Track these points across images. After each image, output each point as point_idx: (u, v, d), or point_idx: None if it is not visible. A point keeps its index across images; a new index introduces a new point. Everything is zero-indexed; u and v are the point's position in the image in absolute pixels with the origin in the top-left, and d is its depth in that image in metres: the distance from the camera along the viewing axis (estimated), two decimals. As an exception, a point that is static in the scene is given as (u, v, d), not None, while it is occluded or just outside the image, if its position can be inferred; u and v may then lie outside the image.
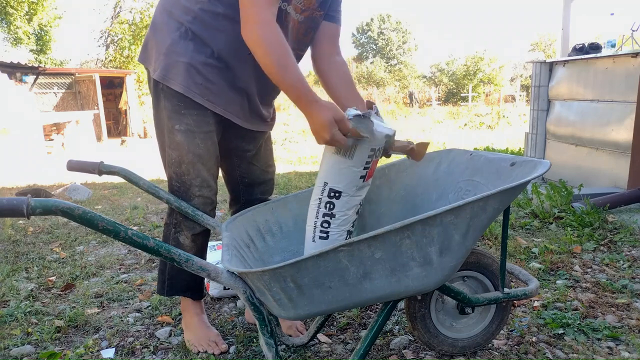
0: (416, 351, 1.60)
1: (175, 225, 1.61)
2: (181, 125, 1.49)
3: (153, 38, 1.52)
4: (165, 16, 1.49)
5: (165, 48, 1.46)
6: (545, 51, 34.47)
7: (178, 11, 1.47)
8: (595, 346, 1.59)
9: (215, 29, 1.44)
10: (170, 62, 1.45)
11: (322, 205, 1.36)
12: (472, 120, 13.94)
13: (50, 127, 8.84)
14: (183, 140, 1.50)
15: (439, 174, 1.63)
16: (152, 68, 1.51)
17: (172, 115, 1.50)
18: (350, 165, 1.31)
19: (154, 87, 1.53)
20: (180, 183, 1.55)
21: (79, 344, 1.72)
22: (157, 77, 1.48)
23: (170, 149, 1.53)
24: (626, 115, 3.58)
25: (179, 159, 1.52)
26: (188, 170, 1.53)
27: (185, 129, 1.49)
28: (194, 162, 1.52)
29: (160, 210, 3.79)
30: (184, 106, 1.48)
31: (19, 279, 2.34)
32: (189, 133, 1.50)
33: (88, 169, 1.61)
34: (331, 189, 1.34)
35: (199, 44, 1.45)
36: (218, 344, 1.63)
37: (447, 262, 1.18)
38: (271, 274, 1.10)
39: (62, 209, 0.98)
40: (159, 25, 1.50)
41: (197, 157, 1.52)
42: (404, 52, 39.60)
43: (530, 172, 1.26)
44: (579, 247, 2.52)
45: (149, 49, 1.54)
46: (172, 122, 1.50)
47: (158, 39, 1.50)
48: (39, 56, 19.70)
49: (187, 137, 1.50)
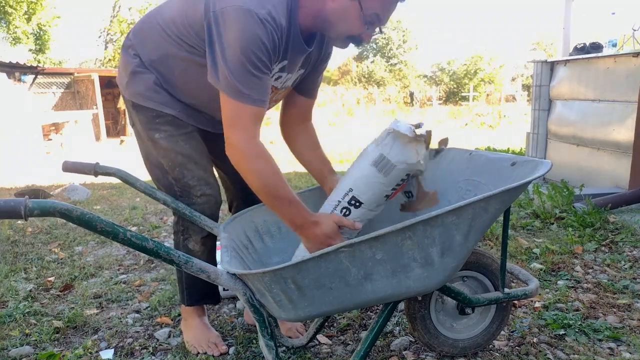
0: (417, 352, 1.59)
1: (183, 232, 1.60)
2: (160, 134, 1.51)
3: (121, 60, 1.57)
4: (130, 45, 1.53)
5: (130, 69, 1.50)
6: (547, 50, 34.47)
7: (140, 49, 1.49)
8: (596, 347, 1.58)
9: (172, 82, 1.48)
10: (137, 81, 1.50)
11: (338, 209, 1.35)
12: (473, 120, 13.94)
13: (49, 126, 8.84)
14: (167, 145, 1.51)
15: (439, 174, 1.62)
16: (122, 87, 1.56)
17: (149, 127, 1.52)
18: (382, 182, 1.32)
19: (127, 105, 1.57)
20: (180, 188, 1.55)
21: (77, 344, 1.71)
22: (128, 96, 1.53)
23: (160, 158, 1.54)
24: (627, 115, 3.57)
25: (170, 164, 1.53)
26: (182, 173, 1.53)
27: (165, 135, 1.51)
28: (184, 163, 1.52)
29: (159, 210, 3.78)
30: (156, 115, 1.51)
31: (18, 280, 2.33)
32: (170, 138, 1.51)
33: (84, 170, 1.60)
34: (354, 197, 1.34)
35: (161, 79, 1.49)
36: (218, 346, 1.62)
37: (449, 262, 1.17)
38: (272, 275, 1.09)
39: (60, 210, 0.97)
40: (127, 50, 1.54)
41: (185, 157, 1.52)
42: (404, 51, 39.59)
43: (531, 172, 1.25)
44: (580, 248, 2.51)
45: (119, 70, 1.59)
46: (151, 133, 1.52)
47: (125, 61, 1.53)
48: (38, 56, 19.69)
49: (169, 141, 1.51)
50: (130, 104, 1.54)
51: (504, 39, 63.37)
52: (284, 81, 1.45)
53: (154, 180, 1.60)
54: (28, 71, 10.82)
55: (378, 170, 1.31)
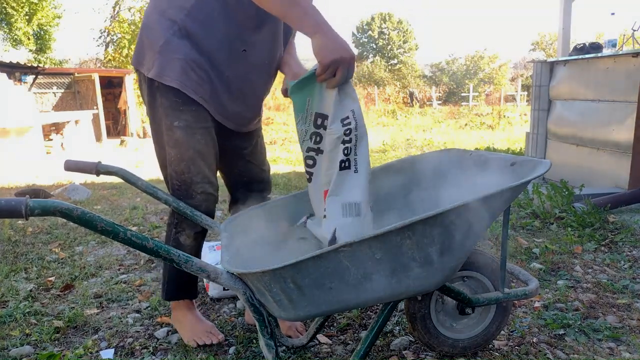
0: (416, 352, 1.60)
1: (177, 225, 1.61)
2: (180, 122, 1.48)
3: (146, 38, 1.51)
4: (157, 15, 1.48)
5: (159, 46, 1.45)
6: (546, 50, 34.47)
7: (171, 9, 1.45)
8: (596, 347, 1.58)
9: (209, 27, 1.44)
10: (166, 59, 1.45)
11: None
12: (472, 120, 13.93)
13: (49, 127, 8.84)
14: (182, 137, 1.49)
15: (438, 174, 1.63)
16: (146, 67, 1.50)
17: (169, 112, 1.48)
18: None
19: (148, 87, 1.51)
20: (180, 182, 1.54)
21: (78, 344, 1.71)
22: (152, 75, 1.47)
23: (169, 147, 1.52)
24: (627, 115, 3.57)
25: (178, 156, 1.51)
26: (188, 168, 1.52)
27: (184, 125, 1.49)
28: (194, 158, 1.51)
29: (160, 210, 3.78)
30: (181, 102, 1.47)
31: (18, 280, 2.33)
32: (188, 129, 1.49)
33: (85, 169, 1.60)
34: None
35: (193, 42, 1.45)
36: (215, 334, 1.64)
37: (448, 262, 1.17)
38: (271, 274, 1.10)
39: (60, 210, 0.97)
40: (152, 24, 1.49)
41: (197, 153, 1.51)
42: (404, 51, 39.59)
43: (530, 171, 1.26)
44: (579, 248, 2.51)
45: (143, 49, 1.53)
46: (170, 119, 1.49)
47: (151, 39, 1.48)
48: (38, 56, 19.70)
49: (186, 133, 1.49)
50: (154, 84, 1.48)
51: (504, 39, 63.38)
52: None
53: (159, 165, 1.62)
54: (29, 71, 10.83)
55: None
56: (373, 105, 21.11)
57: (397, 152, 7.81)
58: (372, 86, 27.07)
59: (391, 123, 14.38)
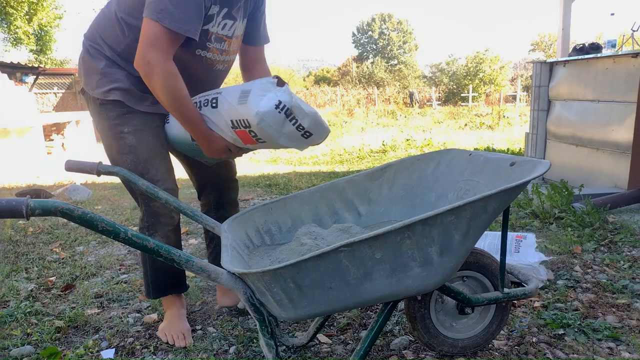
0: (416, 352, 1.60)
1: (149, 228, 1.67)
2: (129, 127, 1.57)
3: (86, 63, 1.61)
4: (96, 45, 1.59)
5: (99, 69, 1.57)
6: (546, 51, 34.47)
7: (105, 45, 1.57)
8: (595, 347, 1.59)
9: None
10: (107, 80, 1.56)
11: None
12: (472, 121, 13.93)
13: (50, 127, 8.84)
14: (134, 141, 1.57)
15: (438, 174, 1.63)
16: (90, 87, 1.60)
17: (117, 122, 1.57)
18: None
19: (93, 105, 1.61)
20: None
21: (78, 344, 1.72)
22: (97, 95, 1.57)
23: (124, 155, 1.58)
24: (626, 115, 3.57)
25: (135, 160, 1.58)
26: (146, 169, 1.58)
27: (133, 129, 1.57)
28: (149, 158, 1.58)
29: (160, 210, 3.79)
30: (127, 111, 1.57)
31: (19, 280, 2.34)
32: (138, 132, 1.57)
33: (86, 169, 1.61)
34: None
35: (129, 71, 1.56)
36: (186, 337, 1.67)
37: (448, 262, 1.18)
38: (272, 274, 1.10)
39: (61, 209, 0.98)
40: (91, 50, 1.60)
41: (151, 152, 1.58)
42: (404, 52, 39.58)
43: (530, 172, 1.26)
44: (579, 248, 2.52)
45: (87, 71, 1.62)
46: (119, 128, 1.57)
47: (92, 63, 1.59)
48: (39, 56, 19.70)
49: (136, 136, 1.57)
50: (98, 102, 1.58)
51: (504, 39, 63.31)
52: (233, 29, 1.57)
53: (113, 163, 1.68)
54: (29, 72, 10.85)
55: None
56: (373, 106, 21.11)
57: (397, 152, 7.82)
58: (372, 87, 27.07)
59: (391, 123, 14.38)
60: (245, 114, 1.42)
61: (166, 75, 1.41)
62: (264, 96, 1.40)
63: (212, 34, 1.53)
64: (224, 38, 1.57)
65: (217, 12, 1.50)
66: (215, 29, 1.53)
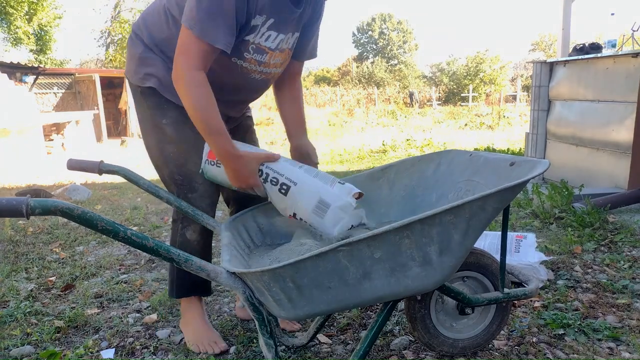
0: (416, 352, 1.60)
1: (182, 220, 1.62)
2: (167, 119, 1.54)
3: (128, 50, 1.62)
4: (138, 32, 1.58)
5: (138, 55, 1.56)
6: (546, 51, 34.47)
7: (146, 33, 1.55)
8: (595, 347, 1.59)
9: None
10: (144, 65, 1.54)
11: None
12: (472, 121, 13.94)
13: (50, 127, 8.84)
14: (173, 132, 1.54)
15: (438, 175, 1.63)
16: (130, 74, 1.59)
17: (156, 112, 1.55)
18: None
19: (134, 92, 1.60)
20: (182, 175, 1.56)
21: (78, 344, 1.72)
22: (135, 81, 1.56)
23: (165, 144, 1.56)
24: (627, 115, 3.57)
25: (175, 150, 1.55)
26: (186, 160, 1.55)
27: (172, 121, 1.54)
28: (189, 150, 1.55)
29: (160, 210, 3.79)
30: (164, 101, 1.54)
31: (19, 280, 2.34)
32: (177, 124, 1.54)
33: (88, 168, 1.61)
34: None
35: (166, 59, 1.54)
36: (218, 344, 1.63)
37: (447, 261, 1.17)
38: (271, 274, 1.10)
39: (61, 209, 0.98)
40: (133, 38, 1.60)
41: (191, 145, 1.54)
42: (404, 52, 39.58)
43: (529, 171, 1.26)
44: (579, 248, 2.52)
45: (127, 61, 1.63)
46: (158, 118, 1.55)
47: (132, 50, 1.59)
48: (39, 56, 19.70)
49: (176, 128, 1.54)
50: (138, 90, 1.57)
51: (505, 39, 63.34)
52: (277, 41, 1.47)
53: (155, 167, 1.63)
54: (29, 72, 10.84)
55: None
56: (373, 106, 21.11)
57: (397, 152, 7.82)
58: (372, 87, 27.06)
59: (391, 123, 14.38)
60: (317, 225, 1.40)
61: (191, 84, 1.35)
62: (341, 220, 1.38)
63: (252, 44, 1.44)
64: (265, 50, 1.46)
65: (262, 23, 1.40)
66: (257, 39, 1.43)
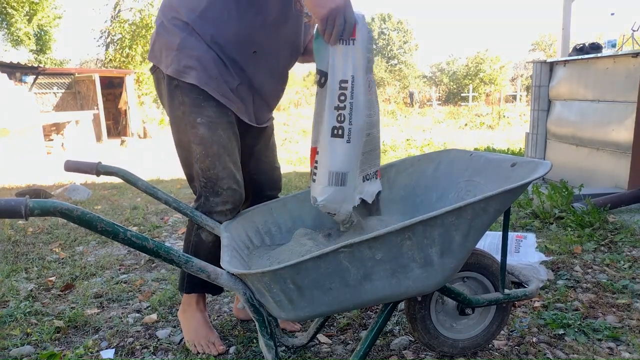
0: (416, 352, 1.60)
1: None
2: (202, 118, 1.48)
3: (163, 37, 1.51)
4: (172, 15, 1.49)
5: (176, 45, 1.46)
6: (546, 51, 34.48)
7: (183, 9, 1.46)
8: (595, 347, 1.59)
9: (221, 25, 1.45)
10: (184, 56, 1.45)
11: None
12: (472, 121, 13.93)
13: (50, 127, 8.84)
14: (206, 133, 1.49)
15: (439, 174, 1.63)
16: (165, 64, 1.50)
17: (192, 110, 1.48)
18: None
19: (167, 85, 1.51)
20: (206, 178, 1.53)
21: (78, 344, 1.72)
22: (171, 73, 1.47)
23: (195, 145, 1.51)
24: (627, 115, 3.57)
25: (203, 153, 1.50)
26: (214, 164, 1.51)
27: (207, 121, 1.48)
28: (219, 154, 1.50)
29: (160, 210, 3.79)
30: (202, 98, 1.47)
31: (19, 280, 2.34)
32: (211, 125, 1.49)
33: (86, 169, 1.60)
34: None
35: (208, 41, 1.46)
36: (216, 345, 1.63)
37: (448, 263, 1.17)
38: (271, 275, 1.10)
39: (60, 210, 0.97)
40: (167, 23, 1.50)
41: (222, 148, 1.50)
42: (404, 52, 39.58)
43: (531, 172, 1.26)
44: (579, 248, 2.52)
45: (160, 47, 1.52)
46: (193, 117, 1.48)
47: (167, 38, 1.49)
48: (39, 56, 19.69)
49: (209, 129, 1.49)
50: (173, 83, 1.49)
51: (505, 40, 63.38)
52: None
53: (182, 164, 1.60)
54: (29, 72, 10.84)
55: None
56: (373, 106, 21.02)
57: (397, 152, 7.81)
58: (372, 86, 26.92)
59: (391, 123, 14.38)
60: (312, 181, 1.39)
61: None
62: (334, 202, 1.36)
63: None
64: None
65: None
66: None
